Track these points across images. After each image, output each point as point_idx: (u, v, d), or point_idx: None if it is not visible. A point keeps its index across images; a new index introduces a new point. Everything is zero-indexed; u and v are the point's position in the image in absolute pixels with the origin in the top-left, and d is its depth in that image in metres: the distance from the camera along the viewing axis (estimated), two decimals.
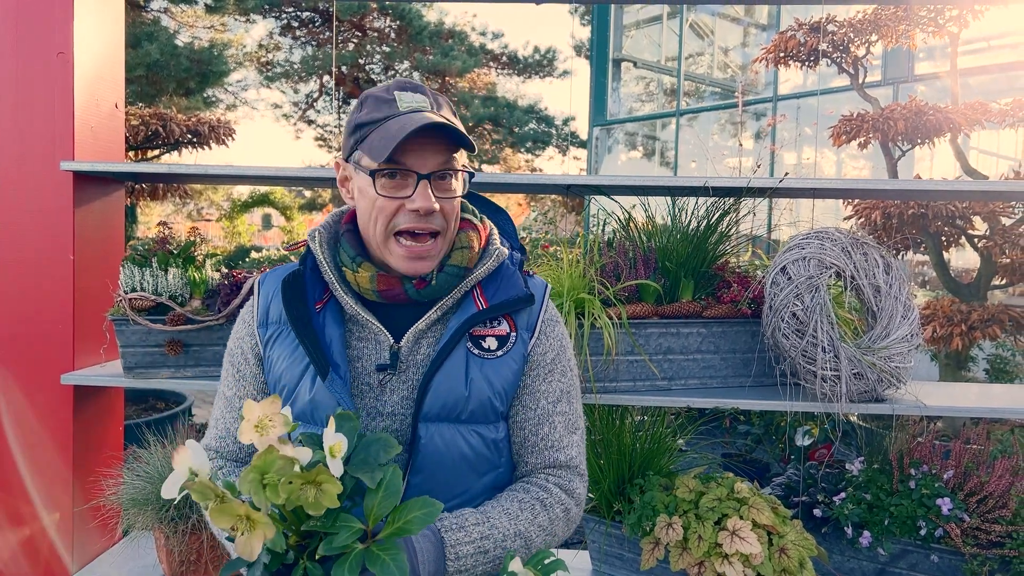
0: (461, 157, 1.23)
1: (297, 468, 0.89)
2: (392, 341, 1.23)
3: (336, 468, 0.90)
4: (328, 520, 0.91)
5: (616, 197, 2.16)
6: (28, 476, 2.07)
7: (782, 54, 4.59)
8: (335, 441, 0.91)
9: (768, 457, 4.13)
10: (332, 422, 0.94)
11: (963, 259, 6.45)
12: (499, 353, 1.24)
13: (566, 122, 18.09)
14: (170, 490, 0.88)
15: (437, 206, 1.17)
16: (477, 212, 1.35)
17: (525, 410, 1.28)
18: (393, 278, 1.22)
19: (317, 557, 0.91)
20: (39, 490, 2.07)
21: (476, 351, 1.23)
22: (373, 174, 1.17)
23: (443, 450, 1.20)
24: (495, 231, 1.34)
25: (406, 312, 1.25)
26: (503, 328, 1.26)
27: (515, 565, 1.06)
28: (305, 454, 0.90)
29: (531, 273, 1.37)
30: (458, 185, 1.22)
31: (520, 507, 1.21)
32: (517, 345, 1.26)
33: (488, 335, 1.25)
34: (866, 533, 1.99)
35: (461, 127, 1.20)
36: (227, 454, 1.30)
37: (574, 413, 1.32)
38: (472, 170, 1.26)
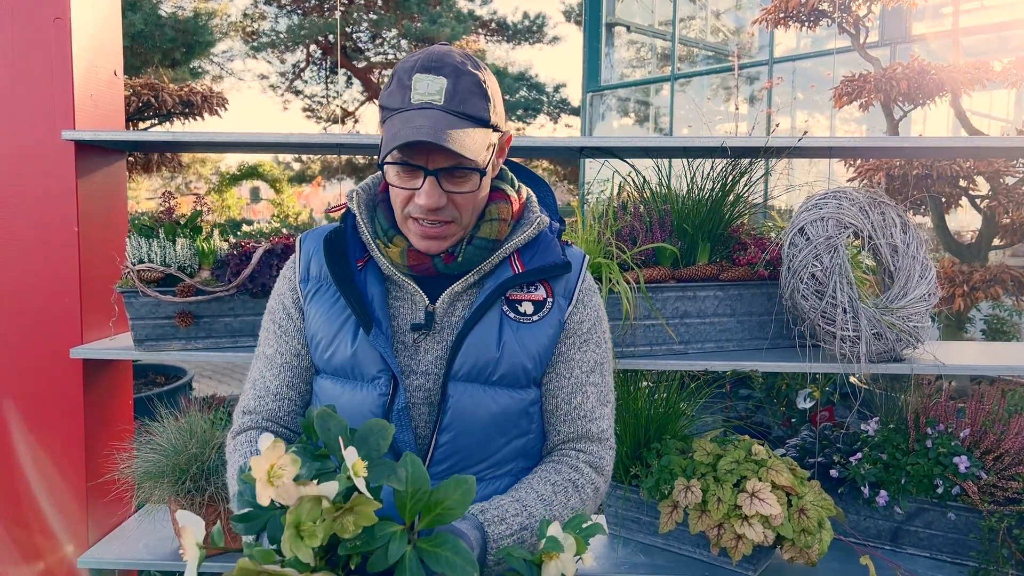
0: (483, 146, 1.15)
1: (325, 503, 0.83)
2: (428, 302, 1.24)
3: (362, 485, 0.84)
4: (365, 535, 0.85)
5: (620, 160, 2.13)
6: (40, 451, 2.04)
7: (782, 14, 4.53)
8: (355, 459, 0.85)
9: (770, 420, 4.15)
10: (341, 436, 0.87)
11: (957, 223, 6.46)
12: (535, 318, 1.24)
13: (557, 89, 17.95)
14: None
15: (443, 202, 1.15)
16: (516, 180, 1.33)
17: (559, 378, 1.28)
18: (422, 253, 1.22)
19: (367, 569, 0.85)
20: (52, 465, 2.05)
21: (512, 315, 1.23)
22: (385, 163, 1.16)
23: (471, 410, 1.21)
24: (534, 199, 1.32)
25: (443, 281, 1.25)
26: (540, 293, 1.26)
27: (554, 530, 1.04)
28: (331, 489, 0.84)
29: (569, 243, 1.36)
30: (478, 178, 1.17)
31: (554, 491, 1.22)
32: (554, 311, 1.26)
33: (525, 299, 1.25)
34: (883, 492, 2.00)
35: (487, 110, 1.15)
36: (266, 414, 1.29)
37: (606, 386, 1.32)
38: (483, 168, 1.17)
